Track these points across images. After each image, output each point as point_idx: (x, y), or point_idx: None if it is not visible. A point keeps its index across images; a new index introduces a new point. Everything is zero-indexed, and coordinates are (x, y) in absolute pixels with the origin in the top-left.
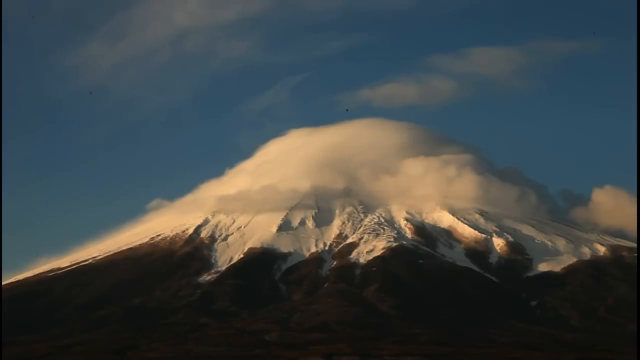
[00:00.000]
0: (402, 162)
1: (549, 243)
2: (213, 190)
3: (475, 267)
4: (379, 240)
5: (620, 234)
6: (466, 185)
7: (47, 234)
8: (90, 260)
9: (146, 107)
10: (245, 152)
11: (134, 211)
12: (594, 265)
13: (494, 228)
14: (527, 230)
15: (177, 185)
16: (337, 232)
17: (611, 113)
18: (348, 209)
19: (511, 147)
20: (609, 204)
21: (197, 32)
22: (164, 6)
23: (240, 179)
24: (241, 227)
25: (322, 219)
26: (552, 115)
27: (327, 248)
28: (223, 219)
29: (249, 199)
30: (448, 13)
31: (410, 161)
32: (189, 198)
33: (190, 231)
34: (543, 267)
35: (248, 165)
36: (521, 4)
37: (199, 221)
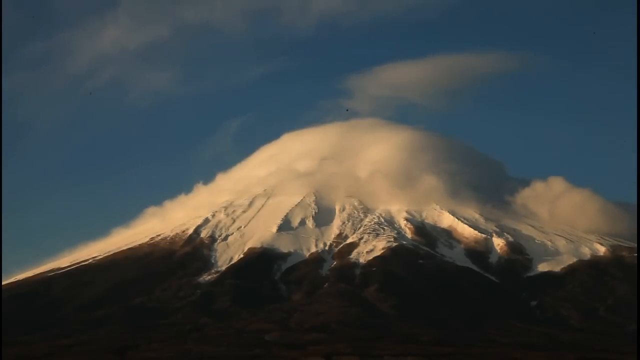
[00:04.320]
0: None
1: (548, 243)
2: (207, 193)
3: (475, 267)
4: (379, 240)
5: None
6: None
7: (48, 233)
8: (90, 260)
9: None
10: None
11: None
12: (594, 265)
13: (494, 228)
14: (527, 230)
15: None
16: (337, 232)
17: (534, 124)
18: (348, 209)
19: None
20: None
21: (115, 63)
22: (85, 35)
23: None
24: (241, 227)
25: (322, 219)
26: (473, 130)
27: (327, 248)
28: (223, 218)
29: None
30: (352, 32)
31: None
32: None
33: (190, 231)
34: (543, 267)
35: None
36: (431, 19)
37: (199, 221)
